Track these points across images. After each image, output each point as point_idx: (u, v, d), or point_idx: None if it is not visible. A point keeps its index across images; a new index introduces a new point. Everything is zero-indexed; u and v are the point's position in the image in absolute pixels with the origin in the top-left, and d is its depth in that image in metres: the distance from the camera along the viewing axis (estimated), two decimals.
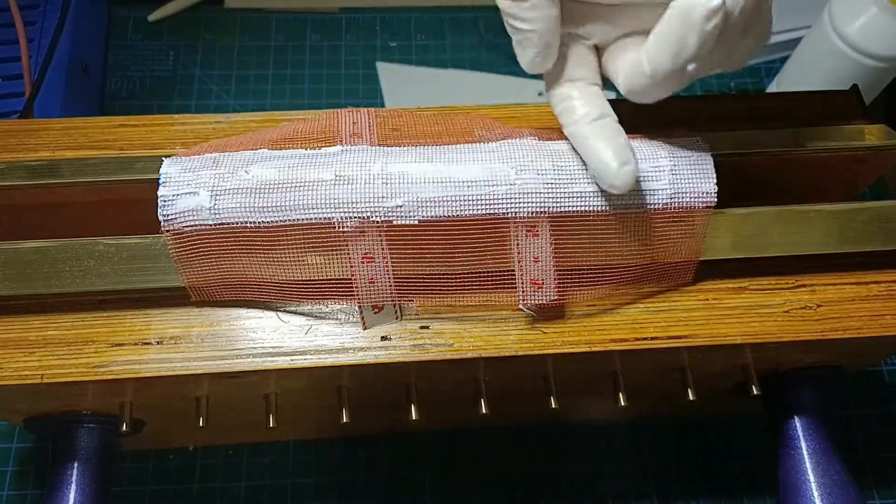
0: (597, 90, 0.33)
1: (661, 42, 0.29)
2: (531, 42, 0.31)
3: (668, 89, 0.31)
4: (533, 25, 0.31)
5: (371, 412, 0.44)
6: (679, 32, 0.28)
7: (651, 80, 0.30)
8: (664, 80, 0.30)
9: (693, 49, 0.28)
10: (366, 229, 0.33)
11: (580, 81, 0.33)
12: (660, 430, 0.52)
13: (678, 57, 0.29)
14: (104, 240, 0.34)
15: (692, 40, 0.28)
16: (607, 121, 0.32)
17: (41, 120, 0.40)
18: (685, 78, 0.30)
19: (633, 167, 0.31)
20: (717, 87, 0.66)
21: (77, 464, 0.39)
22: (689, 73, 0.30)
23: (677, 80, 0.30)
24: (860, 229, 0.36)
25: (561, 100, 0.33)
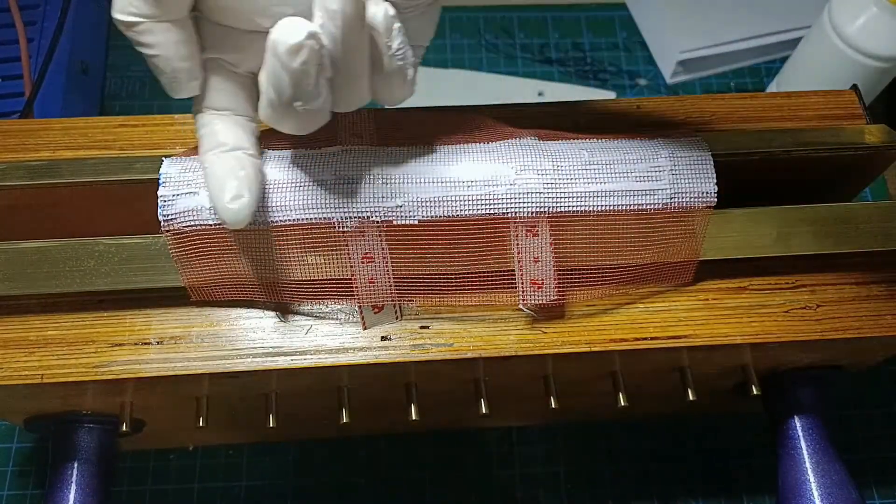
0: (241, 121, 0.32)
1: (264, 77, 0.28)
2: (158, 68, 0.29)
3: (299, 123, 0.29)
4: (156, 51, 0.29)
5: (371, 412, 0.44)
6: (271, 69, 0.27)
7: (273, 114, 0.29)
8: (283, 115, 0.28)
9: (289, 86, 0.27)
10: (366, 229, 0.33)
11: (224, 112, 0.31)
12: (660, 430, 0.52)
13: (281, 93, 0.27)
14: (104, 240, 0.34)
15: (284, 77, 0.27)
16: (238, 154, 0.31)
17: (41, 120, 0.40)
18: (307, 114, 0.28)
19: (245, 202, 0.30)
20: (717, 87, 0.66)
21: (77, 464, 0.39)
22: (306, 109, 0.28)
23: (298, 116, 0.28)
24: (860, 229, 0.36)
25: (201, 126, 0.32)
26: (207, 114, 0.32)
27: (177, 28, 0.29)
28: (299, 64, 0.26)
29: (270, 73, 0.27)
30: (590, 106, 0.41)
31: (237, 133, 0.31)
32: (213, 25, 0.30)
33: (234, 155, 0.31)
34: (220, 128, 0.31)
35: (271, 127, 0.30)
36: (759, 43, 0.65)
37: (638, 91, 0.65)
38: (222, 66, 0.31)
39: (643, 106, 0.41)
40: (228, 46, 0.30)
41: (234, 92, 0.32)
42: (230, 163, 0.31)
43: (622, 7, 0.70)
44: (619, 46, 0.68)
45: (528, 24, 0.68)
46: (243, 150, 0.31)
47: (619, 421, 0.52)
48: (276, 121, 0.29)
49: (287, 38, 0.26)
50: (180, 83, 0.30)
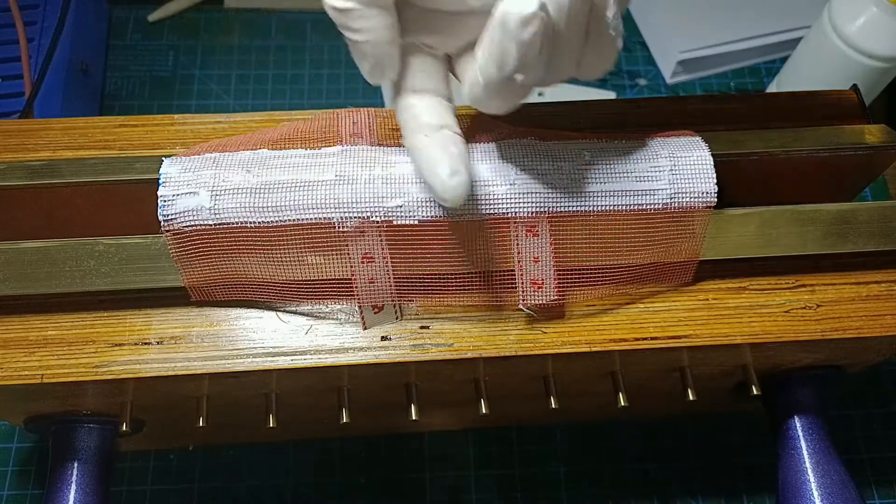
0: (441, 102, 0.32)
1: (486, 51, 0.27)
2: (364, 54, 0.30)
3: (507, 100, 0.29)
4: (365, 36, 0.29)
5: (371, 412, 0.44)
6: (499, 41, 0.27)
7: (485, 91, 0.29)
8: (498, 91, 0.29)
9: (515, 59, 0.27)
10: (366, 229, 0.33)
11: (425, 94, 0.32)
12: (660, 430, 0.52)
13: (503, 67, 0.27)
14: (104, 240, 0.34)
15: (512, 49, 0.26)
16: (446, 132, 0.31)
17: (41, 120, 0.40)
18: (520, 88, 0.28)
19: (463, 178, 0.30)
20: (717, 87, 0.66)
21: (77, 464, 0.39)
22: (523, 83, 0.28)
23: (512, 91, 0.29)
24: (860, 229, 0.36)
25: (403, 109, 0.32)
26: (408, 97, 0.32)
27: (386, 13, 0.29)
28: (529, 35, 0.26)
29: (495, 46, 0.27)
30: (590, 106, 0.41)
31: (441, 113, 0.31)
32: (415, 9, 0.30)
33: (443, 134, 0.31)
34: (424, 109, 0.31)
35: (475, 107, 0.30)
36: (759, 43, 0.65)
37: (638, 91, 0.65)
38: (421, 50, 0.31)
39: (643, 106, 0.41)
40: (431, 29, 0.31)
41: (435, 73, 0.32)
42: (441, 141, 0.31)
43: None
44: None
45: None
46: (450, 129, 0.31)
47: (619, 421, 0.52)
48: (485, 98, 0.29)
49: (520, 7, 0.26)
50: (384, 68, 0.30)
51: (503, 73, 0.27)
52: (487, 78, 0.28)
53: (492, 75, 0.28)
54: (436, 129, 0.31)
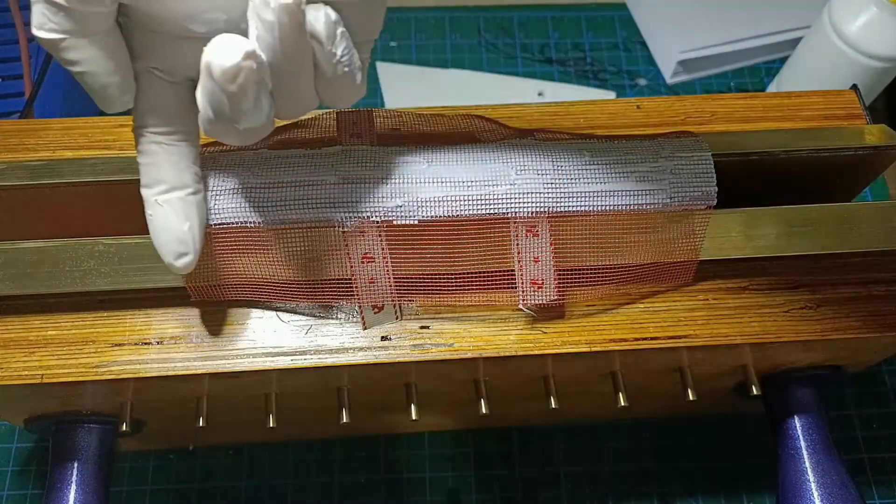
0: (179, 149, 0.30)
1: (200, 97, 0.26)
2: (86, 85, 0.27)
3: (242, 138, 0.28)
4: (82, 68, 0.26)
5: (371, 412, 0.44)
6: (209, 89, 0.25)
7: (212, 129, 0.27)
8: (226, 133, 0.27)
9: (227, 108, 0.25)
10: (366, 229, 0.33)
11: (160, 130, 0.29)
12: (660, 430, 0.52)
13: (220, 114, 0.26)
14: (104, 240, 0.34)
15: (223, 99, 0.25)
16: (177, 196, 0.29)
17: (41, 120, 0.40)
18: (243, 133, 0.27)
19: (188, 260, 0.30)
20: (717, 87, 0.66)
21: (77, 464, 0.39)
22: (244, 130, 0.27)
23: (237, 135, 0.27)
24: (860, 229, 0.36)
25: (140, 155, 0.30)
26: (147, 138, 0.30)
27: (102, 41, 0.27)
28: (237, 87, 0.25)
29: (208, 94, 0.25)
30: (590, 106, 0.41)
31: (178, 167, 0.30)
32: (142, 33, 0.28)
33: (176, 199, 0.30)
34: (160, 160, 0.29)
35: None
36: (758, 43, 0.65)
37: (638, 91, 0.65)
38: (156, 76, 0.29)
39: (643, 106, 0.41)
40: (160, 54, 0.28)
41: (171, 105, 0.29)
42: (173, 211, 0.29)
43: (622, 7, 0.70)
44: (619, 46, 0.68)
45: (528, 24, 0.68)
46: (184, 191, 0.30)
47: (619, 421, 0.52)
48: (217, 136, 0.28)
49: (222, 60, 0.24)
50: (112, 98, 0.28)
51: (224, 120, 0.26)
52: (208, 121, 0.27)
53: (211, 120, 0.26)
54: (169, 189, 0.30)
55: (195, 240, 0.30)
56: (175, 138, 0.30)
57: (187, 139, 0.30)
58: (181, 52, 0.28)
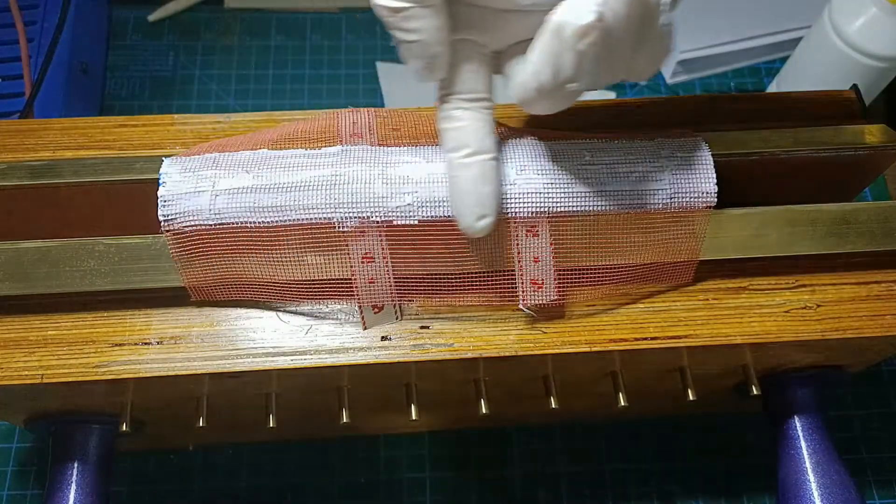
0: (484, 116, 0.31)
1: (540, 58, 0.27)
2: (414, 53, 0.29)
3: (558, 104, 0.29)
4: (417, 36, 0.28)
5: (371, 412, 0.44)
6: (554, 49, 0.26)
7: (538, 93, 0.28)
8: (551, 96, 0.28)
9: (571, 68, 0.26)
10: (366, 229, 0.33)
11: (470, 97, 0.31)
12: (660, 430, 0.52)
13: (558, 74, 0.27)
14: (104, 240, 0.34)
15: (568, 59, 0.26)
16: (480, 159, 0.31)
17: (41, 120, 0.40)
18: (573, 93, 0.28)
19: (488, 222, 0.31)
20: (717, 88, 0.66)
21: (77, 464, 0.39)
22: (577, 89, 0.28)
23: (564, 95, 0.28)
24: (860, 229, 0.36)
25: (443, 119, 0.31)
26: (453, 104, 0.31)
27: (438, 11, 0.28)
28: (586, 45, 0.26)
29: (549, 55, 0.26)
30: (590, 106, 0.41)
31: (481, 133, 0.31)
32: (465, 6, 0.30)
33: (479, 162, 0.31)
34: (466, 126, 0.31)
35: (525, 108, 0.30)
36: (759, 43, 0.65)
37: (638, 91, 0.65)
38: (470, 47, 0.31)
39: (643, 106, 0.41)
40: (480, 27, 0.30)
41: (482, 73, 0.31)
42: (475, 173, 0.31)
43: None
44: None
45: None
46: (487, 155, 0.31)
47: (619, 421, 0.52)
48: (535, 101, 0.29)
49: (576, 19, 0.25)
50: (435, 67, 0.30)
51: (557, 81, 0.27)
52: (541, 83, 0.28)
53: (546, 82, 0.27)
54: (472, 153, 0.31)
55: (494, 203, 0.31)
56: (482, 105, 0.31)
57: (489, 108, 0.32)
58: (500, 24, 0.30)
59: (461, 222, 0.31)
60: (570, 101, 0.29)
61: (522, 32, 0.30)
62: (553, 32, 0.26)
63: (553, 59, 0.26)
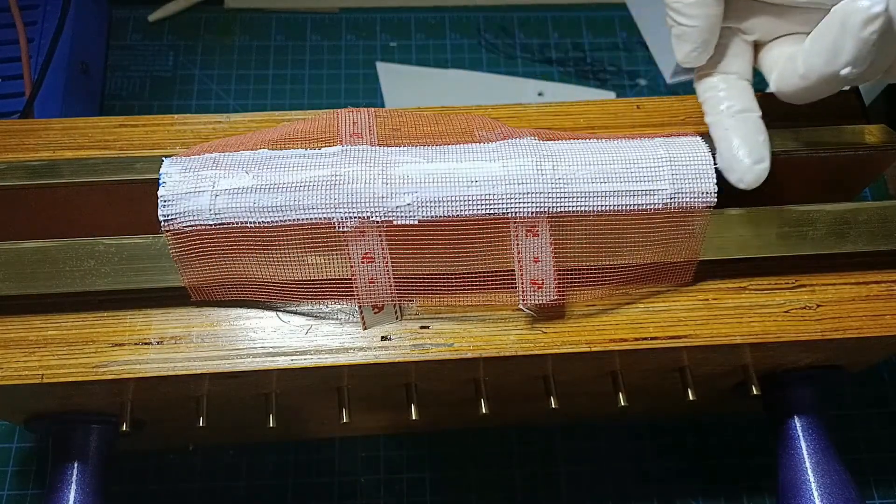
0: (745, 84, 0.33)
1: (817, 44, 0.28)
2: (690, 38, 0.31)
3: (819, 93, 0.30)
4: (695, 22, 0.30)
5: (371, 412, 0.44)
6: (836, 36, 0.27)
7: (803, 81, 0.30)
8: (816, 84, 0.29)
9: (849, 55, 0.27)
10: (366, 229, 0.33)
11: (731, 75, 0.33)
12: (660, 430, 0.52)
13: (833, 61, 0.28)
14: (104, 240, 0.34)
15: (849, 45, 0.27)
16: (750, 115, 0.32)
17: (41, 120, 0.40)
18: (839, 83, 0.29)
19: (766, 165, 0.32)
20: None
21: (77, 464, 0.39)
22: (843, 79, 0.29)
23: (830, 85, 0.29)
24: (860, 229, 0.36)
25: (707, 88, 0.33)
26: (714, 77, 0.33)
27: (720, 2, 0.30)
28: (870, 33, 0.26)
29: (830, 40, 0.28)
30: (590, 106, 0.41)
31: (745, 96, 0.33)
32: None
33: (749, 117, 0.32)
34: (729, 88, 0.33)
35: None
36: None
37: (638, 91, 0.65)
38: (733, 33, 0.33)
39: (643, 106, 0.41)
40: (752, 17, 0.32)
41: (743, 56, 0.33)
42: (749, 125, 0.32)
43: (622, 7, 0.70)
44: (619, 46, 0.68)
45: (528, 24, 0.68)
46: (755, 113, 0.32)
47: (619, 421, 0.52)
48: (798, 88, 0.30)
49: (868, 7, 0.26)
50: (704, 53, 0.32)
51: (831, 68, 0.28)
52: (811, 70, 0.29)
53: (817, 68, 0.29)
54: (740, 110, 0.32)
55: (769, 150, 0.33)
56: (743, 81, 0.34)
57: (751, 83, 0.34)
58: (772, 17, 0.32)
59: (737, 169, 0.32)
60: (831, 91, 0.30)
61: (791, 26, 0.31)
62: (839, 18, 0.27)
63: (832, 46, 0.28)
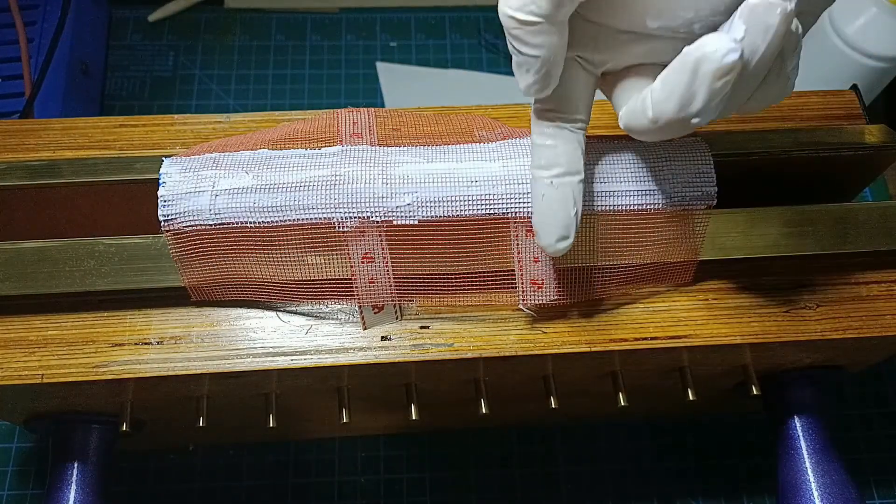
0: (578, 137, 0.31)
1: (667, 89, 0.26)
2: (532, 67, 0.28)
3: (670, 134, 0.29)
4: (539, 52, 0.28)
5: (371, 412, 0.44)
6: (687, 83, 0.26)
7: (652, 124, 0.28)
8: (667, 127, 0.28)
9: (700, 103, 0.26)
10: (366, 229, 0.33)
11: (569, 117, 0.31)
12: (660, 430, 0.52)
13: (683, 108, 0.26)
14: (104, 240, 0.34)
15: (701, 94, 0.26)
16: (571, 181, 0.31)
17: (41, 120, 0.40)
18: (689, 127, 0.28)
19: (568, 244, 0.31)
20: None
21: (77, 464, 0.39)
22: (694, 124, 0.27)
23: (682, 128, 0.28)
24: (860, 229, 0.36)
25: (539, 134, 0.31)
26: (551, 122, 0.31)
27: (563, 27, 0.28)
28: (723, 84, 0.25)
29: (681, 87, 0.26)
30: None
31: (574, 154, 0.31)
32: (584, 23, 0.29)
33: (569, 184, 0.31)
34: (560, 144, 0.31)
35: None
36: None
37: None
38: (578, 65, 0.31)
39: None
40: (598, 46, 0.30)
41: (584, 94, 0.31)
42: (563, 195, 0.31)
43: None
44: None
45: None
46: (576, 177, 0.31)
47: (619, 421, 0.52)
48: (647, 130, 0.28)
49: (720, 58, 0.24)
50: (548, 83, 0.29)
51: (682, 115, 0.27)
52: (661, 114, 0.27)
53: (667, 113, 0.27)
54: (563, 173, 0.31)
55: (577, 224, 0.31)
56: (578, 126, 0.31)
57: (584, 129, 0.32)
58: (619, 45, 0.29)
59: (542, 240, 0.31)
60: (681, 133, 0.29)
61: (641, 56, 0.29)
62: (691, 66, 0.25)
63: (683, 93, 0.26)
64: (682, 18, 0.27)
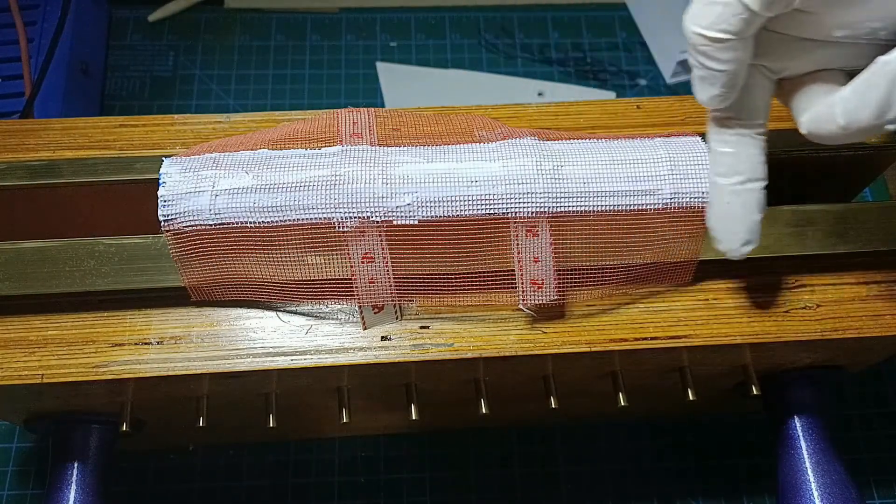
0: (759, 143, 0.31)
1: (862, 97, 0.27)
2: (717, 81, 0.29)
3: (856, 139, 0.29)
4: (724, 67, 0.28)
5: (371, 412, 0.44)
6: (885, 92, 0.26)
7: (843, 131, 0.28)
8: (857, 133, 0.28)
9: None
10: (366, 229, 0.33)
11: (750, 123, 0.31)
12: (660, 430, 0.52)
13: (881, 116, 0.27)
14: (104, 240, 0.34)
15: None
16: (753, 188, 0.31)
17: (41, 120, 0.40)
18: (881, 131, 0.28)
19: (753, 246, 0.31)
20: None
21: (77, 464, 0.39)
22: (889, 129, 0.27)
23: (870, 133, 0.28)
24: (860, 229, 0.36)
25: (718, 142, 0.32)
26: (733, 130, 0.31)
27: (749, 44, 0.28)
28: None
29: (878, 96, 0.26)
30: (590, 106, 0.41)
31: (756, 161, 0.31)
32: (767, 33, 0.30)
33: (752, 191, 0.31)
34: (738, 152, 0.31)
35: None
36: None
37: (638, 91, 0.65)
38: (760, 73, 0.31)
39: (643, 106, 0.41)
40: (780, 54, 0.30)
41: (765, 102, 0.31)
42: (746, 201, 0.31)
43: (622, 7, 0.70)
44: (619, 46, 0.68)
45: (528, 24, 0.68)
46: (760, 184, 0.31)
47: (619, 421, 0.52)
48: (835, 136, 0.29)
49: None
50: (729, 97, 0.30)
51: (877, 122, 0.27)
52: (854, 122, 0.27)
53: (861, 121, 0.27)
54: (745, 180, 0.31)
55: (760, 229, 0.32)
56: (760, 132, 0.31)
57: (765, 135, 0.32)
58: (801, 53, 0.30)
59: (723, 244, 0.32)
60: (870, 136, 0.29)
61: (823, 61, 0.30)
62: (891, 75, 0.26)
63: (881, 100, 0.26)
64: (869, 28, 0.27)
